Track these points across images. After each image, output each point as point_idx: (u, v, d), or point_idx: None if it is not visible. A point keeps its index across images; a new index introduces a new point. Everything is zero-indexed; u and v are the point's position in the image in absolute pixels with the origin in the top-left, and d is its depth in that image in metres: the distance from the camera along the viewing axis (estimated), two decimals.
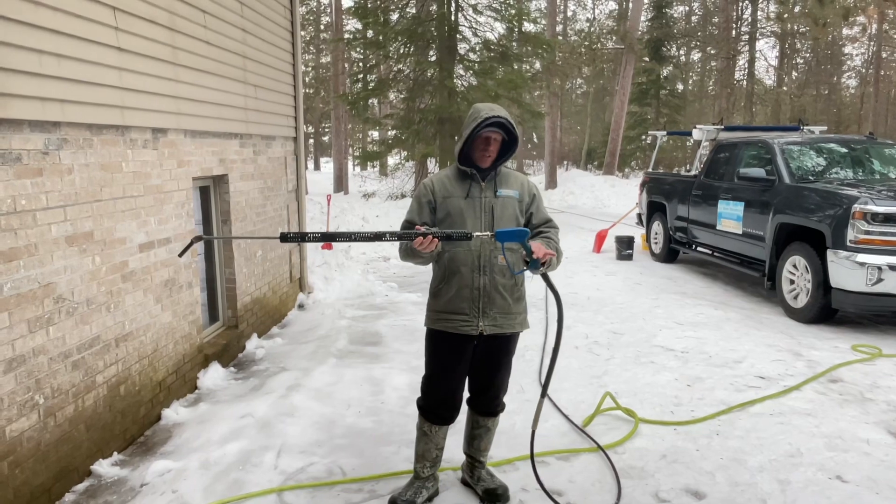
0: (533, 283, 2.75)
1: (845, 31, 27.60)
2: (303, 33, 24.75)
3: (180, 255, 2.68)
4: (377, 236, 2.56)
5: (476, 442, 3.03)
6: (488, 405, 2.97)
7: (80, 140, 3.22)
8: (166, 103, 4.06)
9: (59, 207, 3.06)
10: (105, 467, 3.36)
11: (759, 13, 28.72)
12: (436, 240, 2.55)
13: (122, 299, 3.60)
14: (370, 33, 15.06)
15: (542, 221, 2.88)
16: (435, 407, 2.90)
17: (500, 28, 16.49)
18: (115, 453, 3.53)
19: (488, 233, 2.62)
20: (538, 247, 2.60)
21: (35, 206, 2.90)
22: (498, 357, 2.89)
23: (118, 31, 3.49)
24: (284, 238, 2.52)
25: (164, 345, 4.09)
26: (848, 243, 5.50)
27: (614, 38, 28.22)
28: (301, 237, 2.60)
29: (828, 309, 5.81)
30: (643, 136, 26.91)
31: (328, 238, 2.62)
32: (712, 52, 30.09)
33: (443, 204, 2.78)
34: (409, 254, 2.75)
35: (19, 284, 2.80)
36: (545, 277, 2.71)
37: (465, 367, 2.88)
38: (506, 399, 3.04)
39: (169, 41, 4.06)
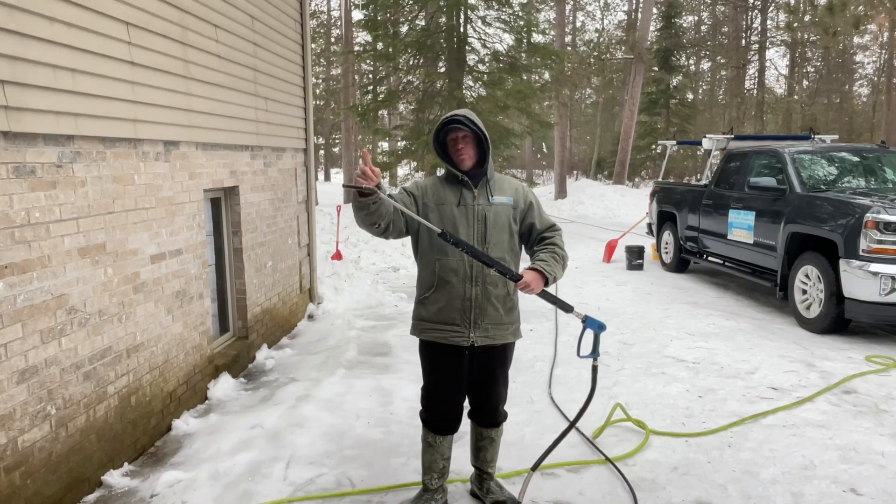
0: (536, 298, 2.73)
1: (856, 40, 27.47)
2: (313, 46, 24.97)
3: (345, 185, 2.67)
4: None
5: (482, 454, 3.02)
6: (489, 417, 2.96)
7: (93, 153, 3.26)
8: (178, 116, 4.10)
9: (72, 219, 3.10)
10: (116, 478, 3.37)
11: (768, 22, 28.69)
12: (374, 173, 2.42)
13: (133, 310, 3.63)
14: (380, 45, 15.16)
15: (545, 227, 2.86)
16: (435, 418, 2.90)
17: (508, 39, 16.56)
18: (126, 464, 3.54)
19: (583, 314, 2.70)
20: (524, 283, 2.61)
21: (48, 218, 2.94)
22: (493, 370, 2.86)
23: (131, 46, 3.54)
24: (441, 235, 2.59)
25: (174, 355, 4.12)
26: (860, 253, 5.45)
27: (623, 48, 28.23)
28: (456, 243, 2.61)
29: (841, 319, 5.76)
30: (653, 146, 26.87)
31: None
32: (722, 61, 30.05)
33: (435, 209, 2.75)
34: (359, 207, 2.56)
35: (32, 296, 2.84)
36: (594, 371, 2.85)
37: (462, 378, 2.85)
38: (515, 410, 3.04)
39: (181, 55, 4.11)
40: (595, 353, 2.77)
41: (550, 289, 2.71)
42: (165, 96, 3.92)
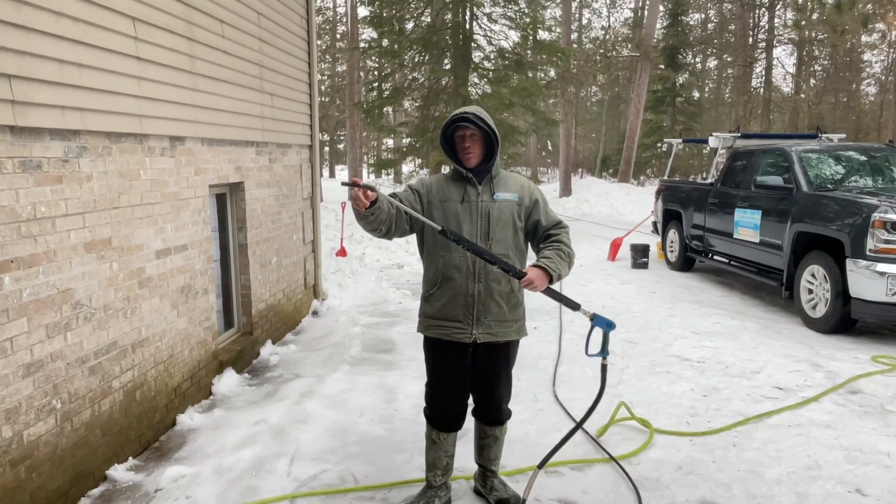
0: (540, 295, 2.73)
1: (864, 38, 27.26)
2: (319, 42, 24.97)
3: (343, 183, 2.75)
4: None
5: (486, 451, 3.01)
6: (493, 415, 2.95)
7: (99, 148, 3.26)
8: (184, 112, 4.11)
9: (78, 214, 3.10)
10: (120, 472, 3.38)
11: (775, 20, 28.51)
12: (365, 196, 2.45)
13: (138, 305, 3.64)
14: (385, 42, 15.15)
15: (551, 224, 2.84)
16: (439, 415, 2.90)
17: (514, 36, 16.56)
18: (131, 458, 3.55)
19: (591, 312, 2.69)
20: (528, 280, 2.60)
21: (54, 212, 2.94)
22: (497, 367, 2.85)
23: (137, 41, 3.54)
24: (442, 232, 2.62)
25: (179, 351, 4.13)
26: (867, 252, 5.42)
27: (629, 45, 28.14)
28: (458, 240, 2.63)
29: (847, 319, 5.73)
30: (659, 144, 26.76)
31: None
32: (729, 59, 29.89)
33: (439, 207, 2.76)
34: (358, 216, 2.60)
35: (38, 290, 2.84)
36: (603, 370, 2.80)
37: (466, 375, 2.84)
38: (519, 408, 3.04)
39: (187, 51, 4.11)
40: (604, 351, 2.75)
41: (556, 286, 2.70)
42: (171, 92, 3.92)
